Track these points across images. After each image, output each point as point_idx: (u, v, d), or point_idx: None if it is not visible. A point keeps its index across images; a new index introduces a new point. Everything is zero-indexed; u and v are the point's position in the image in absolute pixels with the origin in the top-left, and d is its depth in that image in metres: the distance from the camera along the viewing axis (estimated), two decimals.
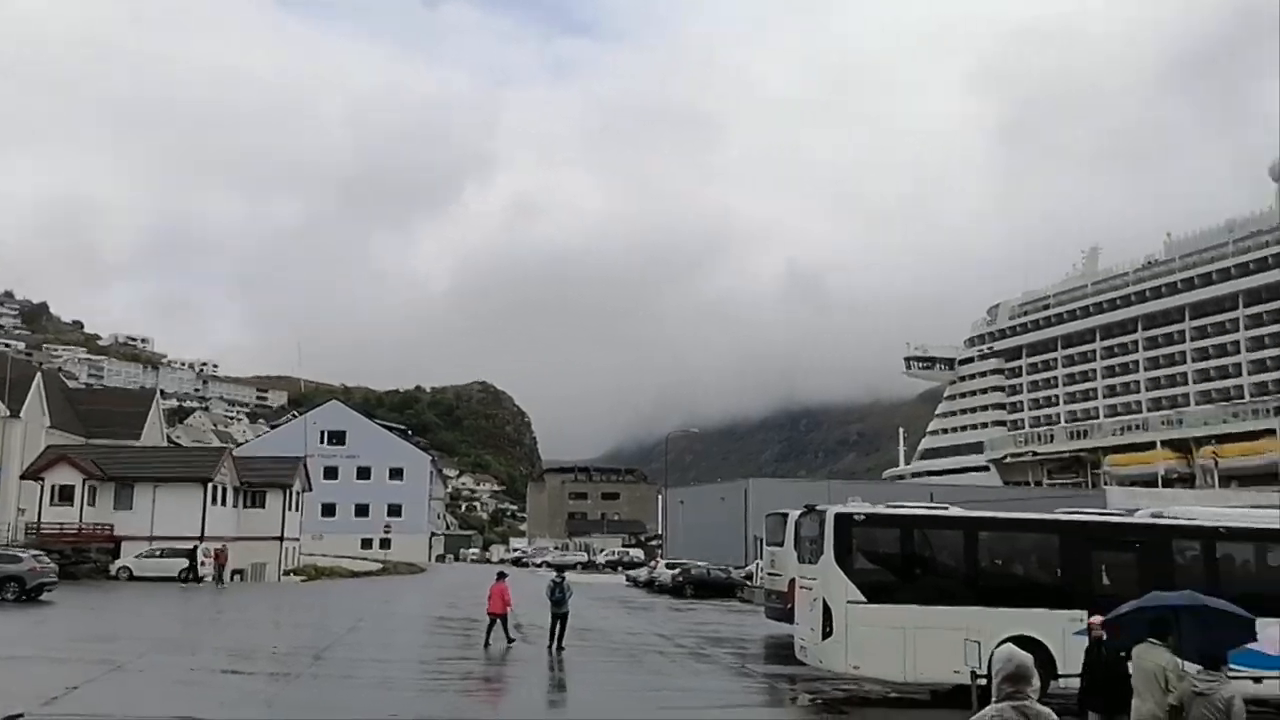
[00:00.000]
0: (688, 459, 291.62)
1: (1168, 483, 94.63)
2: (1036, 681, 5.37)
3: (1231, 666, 16.99)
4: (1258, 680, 17.01)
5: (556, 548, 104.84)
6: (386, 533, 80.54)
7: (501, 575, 25.28)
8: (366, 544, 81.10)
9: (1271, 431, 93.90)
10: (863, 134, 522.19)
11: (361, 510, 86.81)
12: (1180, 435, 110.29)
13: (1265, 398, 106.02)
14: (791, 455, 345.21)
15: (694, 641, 28.06)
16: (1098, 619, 12.76)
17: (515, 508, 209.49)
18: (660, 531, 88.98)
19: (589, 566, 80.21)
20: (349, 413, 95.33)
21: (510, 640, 24.18)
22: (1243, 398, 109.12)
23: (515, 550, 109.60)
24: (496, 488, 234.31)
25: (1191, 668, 10.01)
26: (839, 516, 18.29)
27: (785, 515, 26.32)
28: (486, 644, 23.84)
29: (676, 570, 50.75)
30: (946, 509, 19.73)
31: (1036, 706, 5.30)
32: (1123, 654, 12.68)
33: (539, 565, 74.47)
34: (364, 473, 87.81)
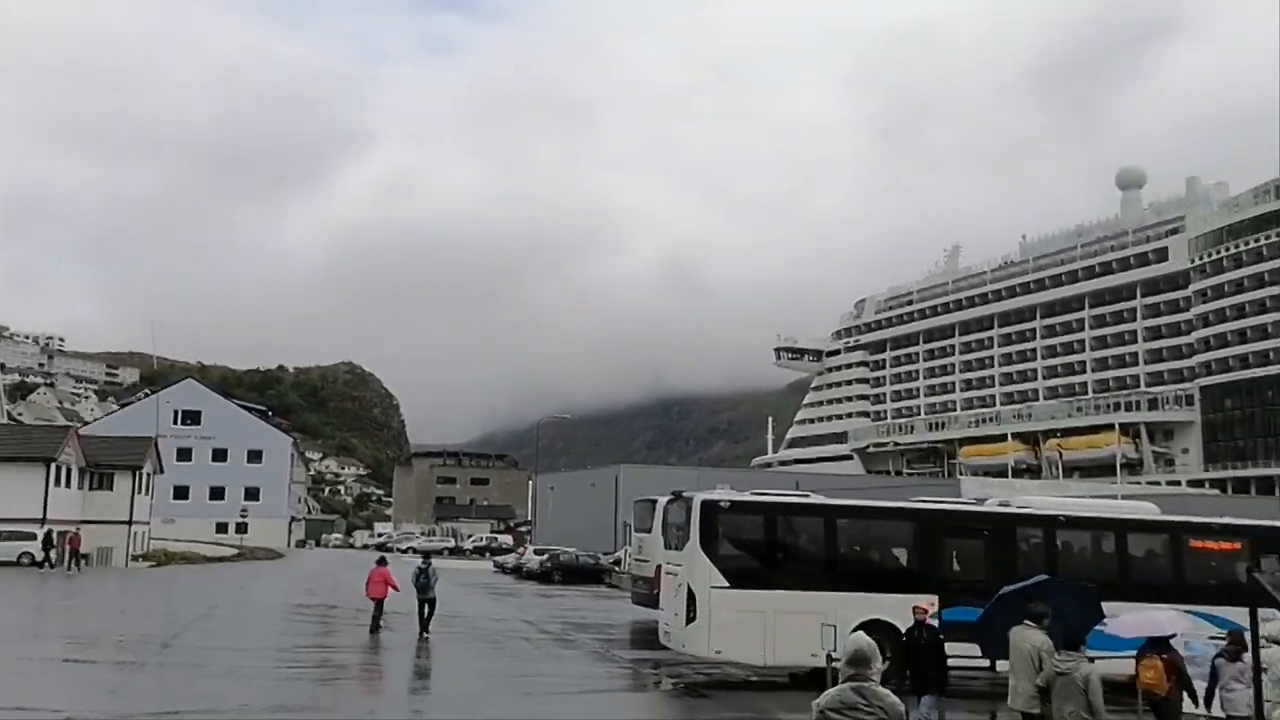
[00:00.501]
0: (559, 445, 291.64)
1: (1017, 473, 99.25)
2: (878, 664, 5.47)
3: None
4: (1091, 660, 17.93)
5: (423, 533, 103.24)
6: (243, 517, 77.71)
7: (382, 560, 25.11)
8: (222, 528, 78.12)
9: (1111, 427, 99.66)
10: (739, 126, 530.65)
11: (217, 493, 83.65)
12: (1029, 428, 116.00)
13: (1106, 394, 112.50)
14: (663, 443, 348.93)
15: (559, 627, 28.02)
16: (923, 603, 13.85)
17: (381, 492, 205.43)
18: (530, 517, 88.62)
19: (456, 552, 79.26)
20: (205, 392, 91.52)
21: (379, 627, 23.76)
22: (1086, 394, 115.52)
23: (380, 535, 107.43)
24: (362, 472, 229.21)
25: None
26: (705, 504, 18.51)
27: (654, 502, 26.49)
28: (374, 629, 23.56)
29: (545, 556, 50.60)
30: (808, 497, 20.20)
31: (875, 688, 5.40)
32: (941, 636, 13.43)
33: (404, 551, 73.12)
34: (220, 454, 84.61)
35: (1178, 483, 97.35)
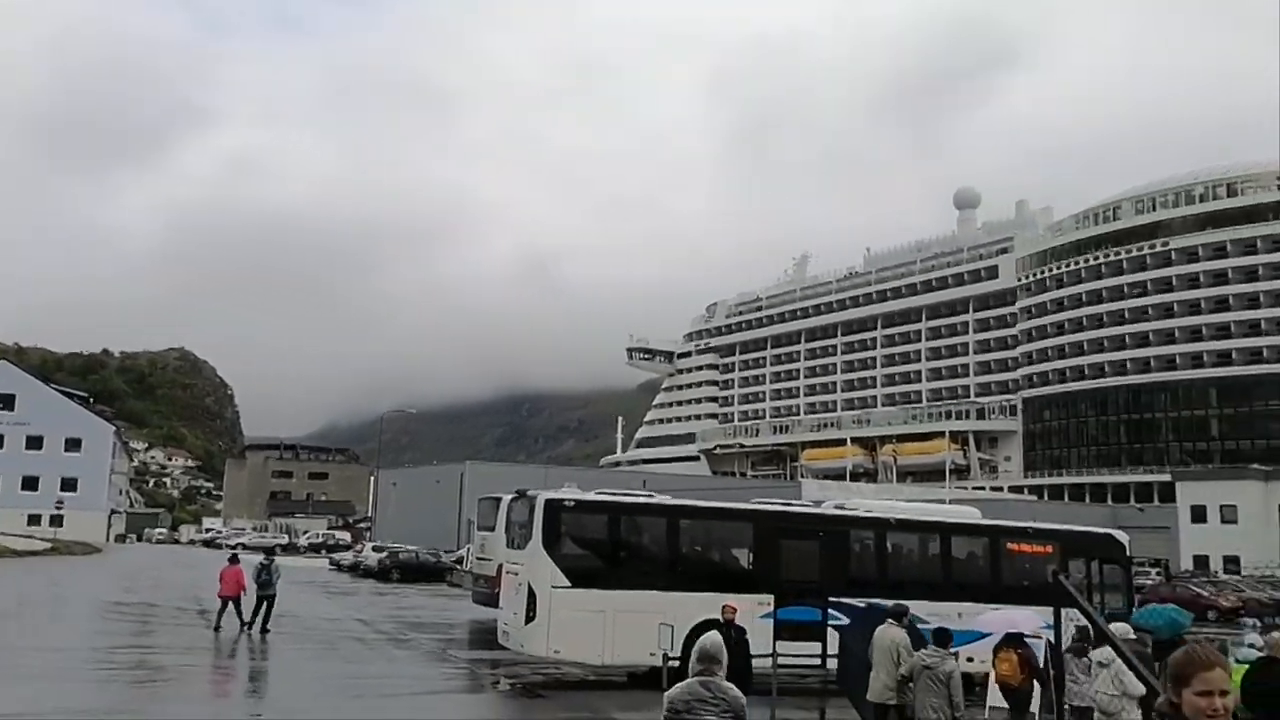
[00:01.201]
0: (404, 440, 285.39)
1: (855, 476, 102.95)
2: (725, 659, 5.89)
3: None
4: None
5: (255, 529, 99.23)
6: (59, 509, 72.94)
7: (234, 559, 24.18)
8: (34, 520, 73.04)
9: (942, 434, 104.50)
10: (601, 127, 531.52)
11: (30, 483, 78.19)
12: (868, 434, 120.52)
13: (939, 403, 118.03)
14: (512, 440, 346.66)
15: (395, 627, 27.37)
16: (732, 603, 13.86)
17: (211, 485, 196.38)
18: (370, 514, 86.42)
19: (290, 549, 76.48)
20: (20, 375, 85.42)
21: (245, 624, 23.01)
22: (921, 402, 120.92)
23: (208, 530, 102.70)
24: (191, 463, 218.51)
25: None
26: (549, 502, 18.41)
27: (498, 500, 26.18)
28: (216, 627, 22.90)
29: (384, 554, 49.41)
30: (651, 497, 20.35)
31: (720, 682, 5.79)
32: (747, 637, 13.62)
33: (234, 547, 70.04)
34: (35, 442, 79.11)
35: (1000, 488, 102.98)
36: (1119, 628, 12.16)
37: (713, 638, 6.08)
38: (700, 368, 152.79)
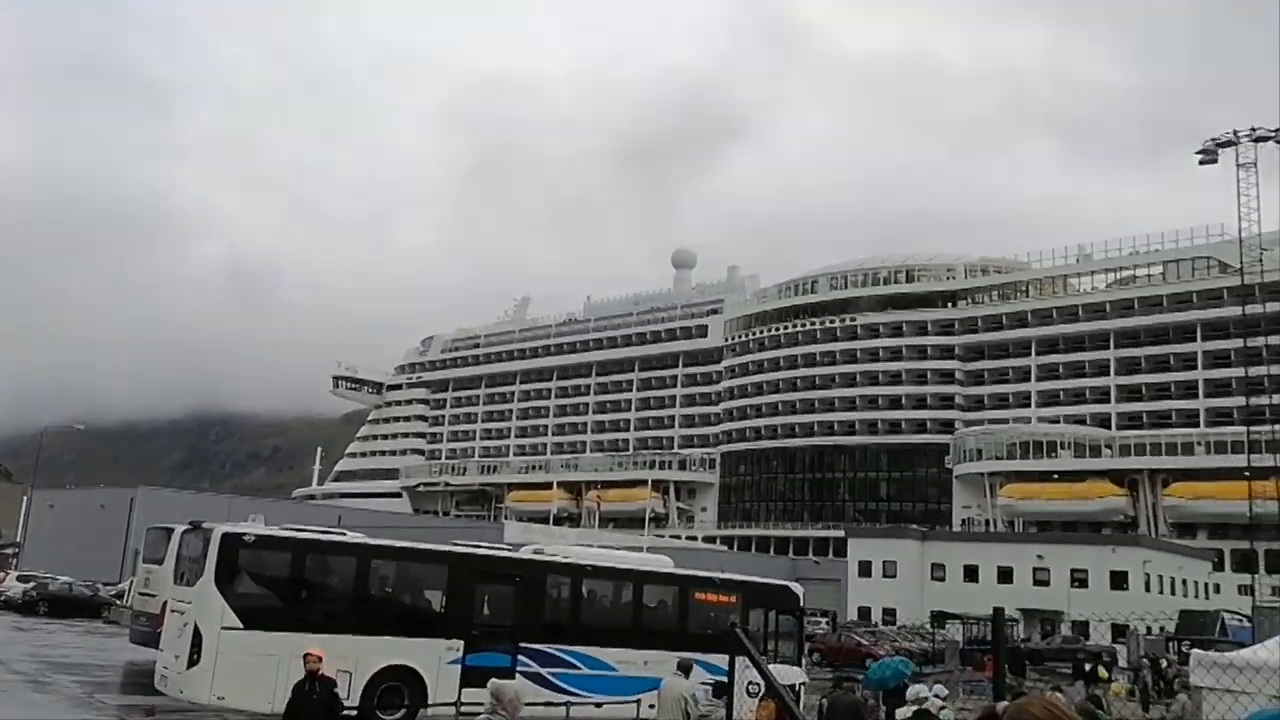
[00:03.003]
0: (69, 458, 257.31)
1: (559, 520, 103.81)
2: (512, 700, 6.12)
3: (578, 691, 18.56)
4: (598, 705, 18.81)
5: None
6: None
7: None
8: None
9: (645, 482, 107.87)
10: (330, 144, 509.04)
11: None
12: (574, 478, 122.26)
13: (645, 452, 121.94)
14: (197, 464, 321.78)
15: (36, 667, 24.23)
16: (316, 650, 11.38)
17: None
18: (19, 539, 76.97)
19: None
20: None
21: None
22: (628, 450, 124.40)
23: None
24: None
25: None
26: (226, 536, 17.08)
27: (170, 530, 23.99)
28: None
29: (30, 585, 43.97)
30: (343, 535, 19.38)
31: None
32: (336, 691, 11.22)
33: None
34: None
35: (695, 537, 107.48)
36: (792, 672, 12.85)
37: (502, 684, 6.38)
38: (410, 401, 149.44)
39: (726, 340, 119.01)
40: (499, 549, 22.19)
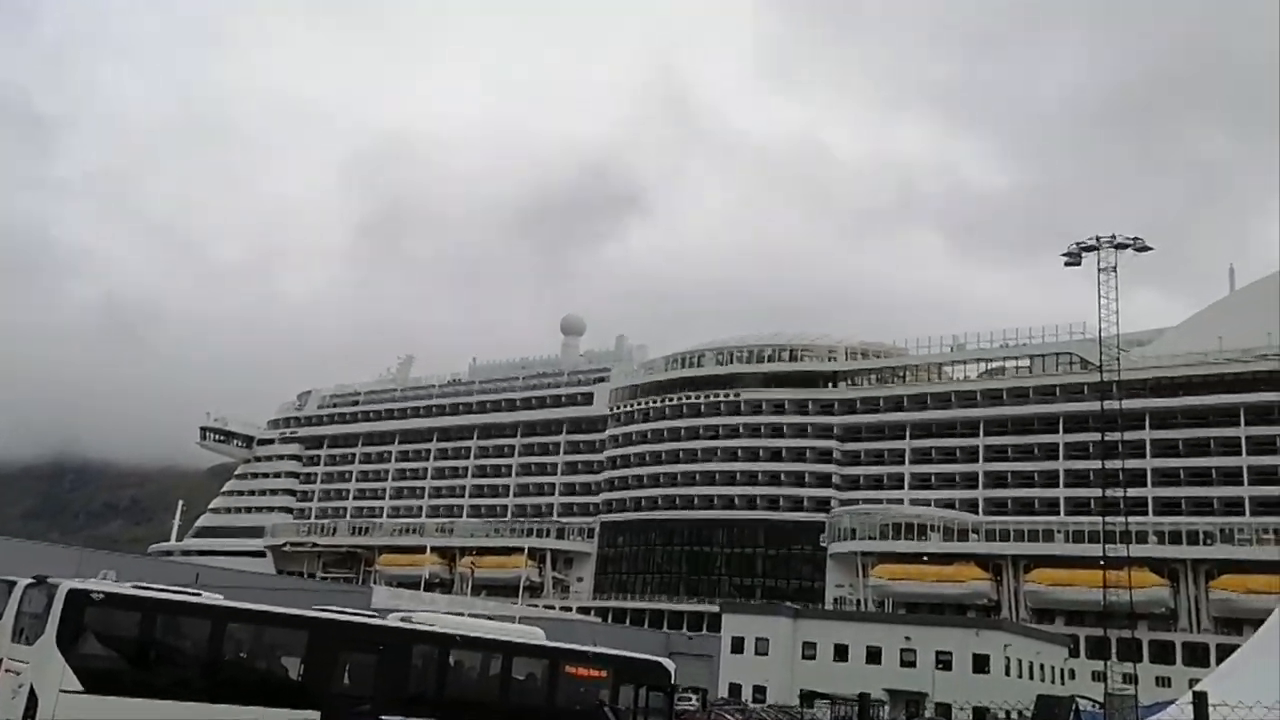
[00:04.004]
0: None
1: (431, 586, 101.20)
2: None
3: None
4: None
5: None
6: None
7: None
8: None
9: (521, 550, 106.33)
10: (221, 188, 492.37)
11: None
12: (449, 543, 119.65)
13: (523, 519, 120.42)
14: (47, 514, 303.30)
15: None
16: None
17: None
18: None
19: None
20: None
21: None
22: (506, 516, 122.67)
23: None
24: None
25: None
26: (72, 593, 16.12)
27: (11, 584, 22.50)
28: None
29: None
30: (198, 595, 18.51)
31: None
32: None
33: None
34: None
35: (570, 608, 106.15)
36: None
37: None
38: (282, 457, 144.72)
39: (611, 409, 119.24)
40: (363, 615, 21.50)
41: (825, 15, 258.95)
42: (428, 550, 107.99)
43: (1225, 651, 76.91)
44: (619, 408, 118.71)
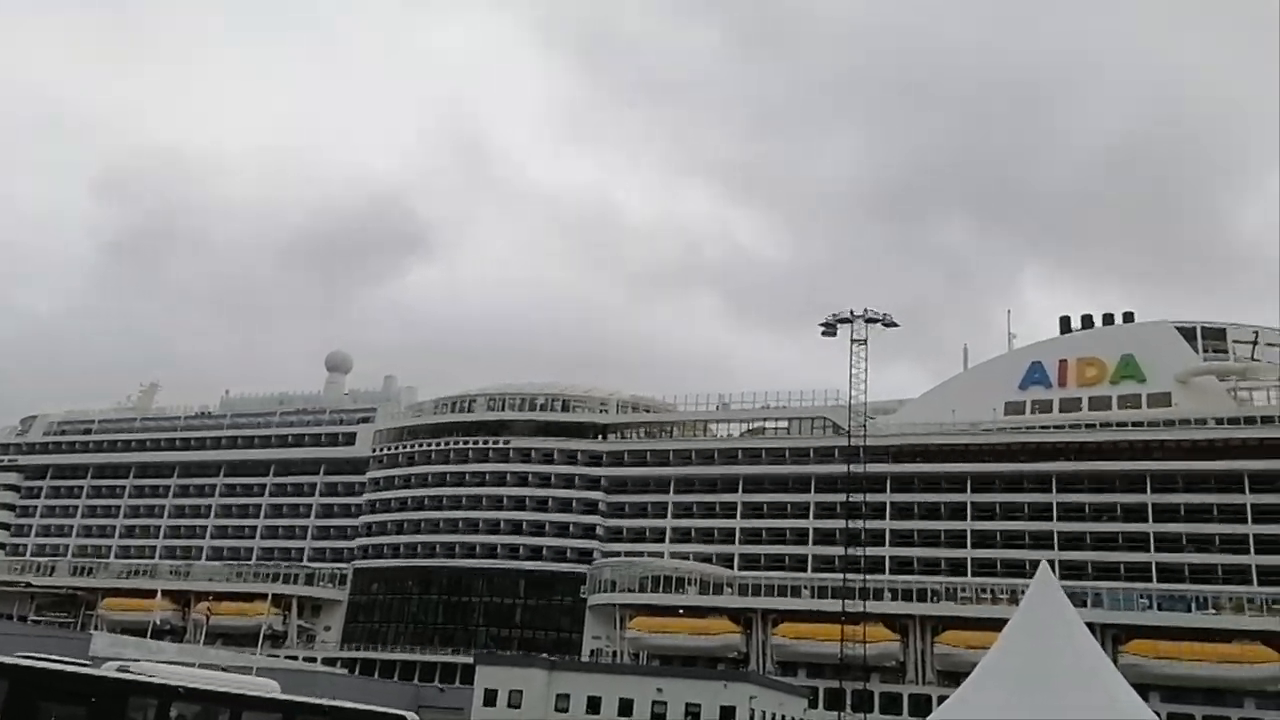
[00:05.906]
0: None
1: (160, 633, 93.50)
2: None
3: None
4: None
5: None
6: None
7: None
8: None
9: (265, 596, 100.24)
10: None
11: None
12: (183, 587, 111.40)
13: (270, 563, 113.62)
14: None
15: None
16: None
17: None
18: None
19: None
20: None
21: None
22: (251, 559, 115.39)
23: None
24: None
25: None
26: None
27: None
28: None
29: None
30: None
31: None
32: None
33: None
34: None
35: (315, 659, 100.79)
36: None
37: None
38: None
39: (375, 451, 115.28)
40: (76, 664, 19.34)
41: (615, 79, 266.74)
42: (159, 594, 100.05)
43: None
44: (383, 450, 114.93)
